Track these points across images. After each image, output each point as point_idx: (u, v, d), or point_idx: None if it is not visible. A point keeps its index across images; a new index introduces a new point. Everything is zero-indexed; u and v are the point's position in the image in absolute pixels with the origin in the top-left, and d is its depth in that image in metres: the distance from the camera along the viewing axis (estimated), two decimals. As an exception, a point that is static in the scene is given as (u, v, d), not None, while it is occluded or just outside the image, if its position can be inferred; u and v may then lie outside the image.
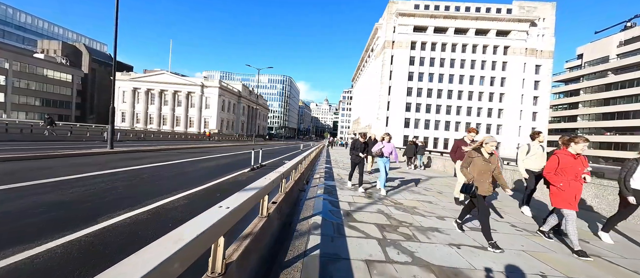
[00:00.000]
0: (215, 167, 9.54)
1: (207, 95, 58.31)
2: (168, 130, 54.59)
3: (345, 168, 11.60)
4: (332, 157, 18.36)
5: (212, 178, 7.40)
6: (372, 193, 6.34)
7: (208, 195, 5.60)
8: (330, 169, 10.66)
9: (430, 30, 50.74)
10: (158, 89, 56.94)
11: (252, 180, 7.15)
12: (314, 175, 9.08)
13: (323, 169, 10.39)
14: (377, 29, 56.94)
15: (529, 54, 49.76)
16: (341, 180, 8.12)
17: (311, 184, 7.38)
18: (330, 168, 11.13)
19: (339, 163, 13.94)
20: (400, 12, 49.63)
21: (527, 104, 50.09)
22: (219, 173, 8.13)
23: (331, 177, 8.64)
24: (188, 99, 58.21)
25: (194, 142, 28.56)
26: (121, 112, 58.45)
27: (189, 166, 9.06)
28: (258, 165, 10.43)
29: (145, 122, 57.87)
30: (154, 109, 57.60)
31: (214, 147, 21.57)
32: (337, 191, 6.34)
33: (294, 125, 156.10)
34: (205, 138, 42.34)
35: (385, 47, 50.71)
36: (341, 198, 5.65)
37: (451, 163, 12.18)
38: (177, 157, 11.74)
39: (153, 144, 18.39)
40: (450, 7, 50.87)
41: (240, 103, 70.55)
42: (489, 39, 50.00)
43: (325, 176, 8.61)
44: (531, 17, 48.78)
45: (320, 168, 10.86)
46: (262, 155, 15.64)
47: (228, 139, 47.41)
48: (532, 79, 50.06)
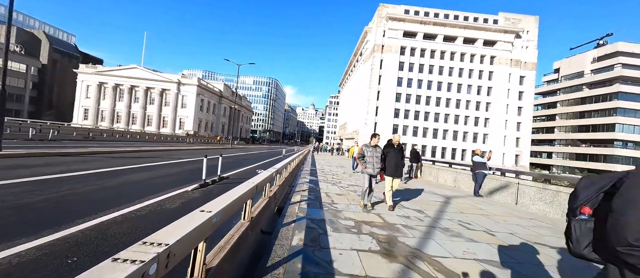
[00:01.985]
0: (142, 183, 6.57)
1: (184, 93, 53.85)
2: (138, 130, 49.47)
3: (335, 182, 9.00)
4: (318, 164, 15.75)
5: (106, 207, 4.48)
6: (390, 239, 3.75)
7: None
8: (315, 184, 8.01)
9: (419, 36, 50.14)
10: (128, 85, 51.76)
11: (172, 215, 4.37)
12: (293, 194, 6.38)
13: (306, 185, 7.71)
14: (366, 32, 55.73)
15: (513, 64, 50.43)
16: (333, 206, 5.48)
17: (286, 213, 4.68)
18: (315, 182, 8.48)
19: (327, 174, 11.32)
20: (390, 16, 48.66)
21: (512, 114, 50.52)
22: (133, 196, 5.19)
23: (317, 199, 5.99)
24: (162, 96, 53.43)
25: (159, 144, 24.84)
26: (84, 108, 52.51)
27: (92, 182, 5.95)
28: (217, 178, 7.56)
29: (112, 120, 52.28)
30: (122, 106, 52.23)
31: (176, 150, 18.23)
32: (327, 236, 3.69)
33: (279, 128, 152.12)
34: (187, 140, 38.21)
35: (375, 51, 49.37)
36: (337, 255, 3.02)
37: (461, 177, 10.00)
38: (102, 164, 8.59)
39: (94, 146, 14.82)
40: (439, 14, 50.70)
41: (221, 103, 66.36)
42: (476, 48, 50.18)
43: (310, 198, 5.95)
44: (516, 28, 49.60)
45: (302, 180, 8.22)
46: (232, 163, 12.77)
47: (202, 142, 43.44)
48: (516, 89, 50.68)
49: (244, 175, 9.58)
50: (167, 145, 22.86)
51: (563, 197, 6.15)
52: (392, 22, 49.27)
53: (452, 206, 6.50)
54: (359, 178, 10.87)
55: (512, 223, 5.28)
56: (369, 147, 5.33)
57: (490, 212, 6.24)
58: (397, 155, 5.43)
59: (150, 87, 52.44)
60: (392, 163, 5.37)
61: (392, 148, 5.46)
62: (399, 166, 5.43)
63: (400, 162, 5.49)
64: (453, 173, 10.80)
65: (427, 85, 50.38)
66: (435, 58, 50.54)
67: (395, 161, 5.39)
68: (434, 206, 6.30)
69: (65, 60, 60.23)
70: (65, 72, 58.18)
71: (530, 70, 51.12)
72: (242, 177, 9.06)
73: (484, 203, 7.36)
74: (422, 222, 4.79)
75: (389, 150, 5.44)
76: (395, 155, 5.41)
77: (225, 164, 12.28)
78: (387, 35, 49.42)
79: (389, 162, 5.34)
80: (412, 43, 49.84)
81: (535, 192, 6.81)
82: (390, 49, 49.24)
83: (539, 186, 6.73)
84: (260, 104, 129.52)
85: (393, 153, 5.41)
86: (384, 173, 5.39)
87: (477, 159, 8.13)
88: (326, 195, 6.51)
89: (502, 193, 8.04)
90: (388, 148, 5.47)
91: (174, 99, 52.87)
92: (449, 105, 50.67)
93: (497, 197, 8.21)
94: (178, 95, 53.44)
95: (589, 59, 62.89)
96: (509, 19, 50.91)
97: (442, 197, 7.74)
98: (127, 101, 52.12)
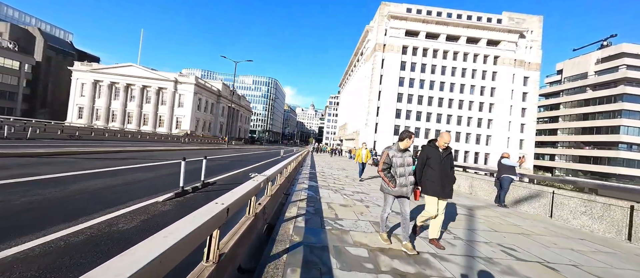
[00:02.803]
0: (101, 192, 5.45)
1: (181, 92, 52.66)
2: (133, 129, 48.24)
3: (338, 189, 7.88)
4: (318, 167, 14.63)
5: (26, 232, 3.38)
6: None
7: None
8: (315, 192, 6.90)
9: (422, 35, 49.13)
10: (124, 83, 50.57)
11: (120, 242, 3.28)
12: (289, 205, 5.27)
13: (305, 192, 6.60)
14: (367, 31, 54.71)
15: (517, 65, 49.47)
16: (338, 224, 4.37)
17: (277, 235, 3.58)
18: (315, 189, 7.37)
19: (327, 178, 10.22)
20: (392, 14, 47.65)
21: (516, 116, 49.52)
22: (78, 212, 4.08)
23: (317, 213, 4.88)
24: (159, 95, 52.25)
25: (150, 143, 23.72)
26: (78, 107, 51.31)
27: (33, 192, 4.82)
28: (200, 185, 6.44)
29: (107, 119, 51.07)
30: (117, 104, 51.03)
31: (166, 150, 17.10)
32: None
33: (279, 129, 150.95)
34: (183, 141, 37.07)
35: (376, 50, 48.33)
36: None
37: (477, 183, 8.89)
38: (63, 168, 7.48)
39: (74, 146, 13.68)
40: (442, 13, 49.72)
41: (219, 103, 65.20)
42: (479, 48, 49.19)
43: (309, 212, 4.84)
44: (520, 28, 48.65)
45: (300, 186, 7.12)
46: (225, 165, 11.65)
47: (199, 142, 42.30)
48: (520, 90, 49.70)
49: (235, 179, 8.46)
50: (159, 145, 21.72)
51: (617, 212, 5.06)
52: (394, 20, 48.27)
53: (479, 221, 5.39)
54: (365, 184, 9.75)
55: (565, 247, 4.18)
56: (397, 152, 3.54)
57: (527, 229, 5.15)
58: (444, 162, 3.58)
59: (147, 86, 51.27)
60: (437, 175, 3.51)
61: (436, 152, 3.63)
62: (448, 179, 3.58)
63: (450, 173, 3.62)
64: (468, 178, 9.70)
65: (430, 85, 49.36)
66: (437, 58, 49.54)
67: (441, 171, 3.52)
68: (459, 222, 5.19)
69: (60, 58, 59.03)
70: (60, 70, 56.95)
71: (534, 70, 50.16)
72: (231, 182, 7.95)
73: (512, 215, 6.26)
74: (454, 247, 3.68)
75: (430, 154, 3.64)
76: (442, 163, 3.56)
77: (216, 167, 11.16)
78: (389, 34, 48.41)
79: (432, 173, 3.55)
80: (414, 42, 48.84)
81: (578, 204, 5.72)
82: (392, 48, 48.22)
83: (584, 197, 5.64)
84: (259, 103, 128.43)
85: (438, 160, 3.57)
86: (419, 189, 3.63)
87: (506, 162, 7.04)
88: (328, 207, 5.40)
89: (531, 204, 6.95)
90: (429, 152, 3.67)
91: (170, 97, 51.71)
92: (451, 106, 49.65)
93: (525, 208, 7.12)
94: (175, 94, 52.27)
95: (592, 60, 61.95)
96: (513, 18, 49.98)
97: (463, 208, 6.63)
98: (123, 100, 50.93)
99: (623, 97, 52.72)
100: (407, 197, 3.50)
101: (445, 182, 3.54)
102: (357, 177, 11.12)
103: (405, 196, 3.49)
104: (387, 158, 3.54)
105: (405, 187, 3.45)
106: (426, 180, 3.59)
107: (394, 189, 3.45)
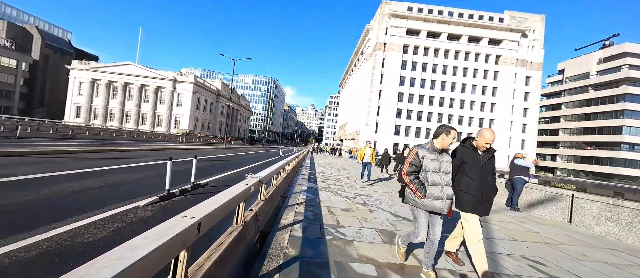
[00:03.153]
0: (75, 195, 4.96)
1: (180, 91, 52.15)
2: (131, 128, 47.73)
3: (339, 190, 7.38)
4: (318, 167, 14.14)
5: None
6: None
7: None
8: (314, 194, 6.40)
9: (423, 34, 48.61)
10: (122, 82, 50.05)
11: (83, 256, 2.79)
12: (285, 210, 4.78)
13: (303, 195, 6.11)
14: (368, 30, 54.20)
15: (519, 64, 48.97)
16: (339, 232, 3.87)
17: (269, 248, 3.09)
18: (314, 191, 6.87)
19: (327, 179, 9.72)
20: (393, 13, 47.14)
21: (518, 115, 49.04)
22: (38, 220, 3.59)
23: (317, 219, 4.39)
24: (157, 94, 51.72)
25: (146, 143, 23.23)
26: (76, 105, 50.79)
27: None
28: (189, 187, 5.94)
29: (105, 118, 50.56)
30: (115, 103, 50.51)
31: (160, 150, 16.62)
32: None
33: (278, 129, 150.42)
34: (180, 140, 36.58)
35: (377, 49, 47.82)
36: None
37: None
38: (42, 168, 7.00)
39: (64, 144, 13.18)
40: (443, 11, 49.22)
41: (218, 102, 64.68)
42: (481, 47, 48.69)
43: (307, 217, 4.35)
44: (522, 27, 48.15)
45: (299, 188, 6.63)
46: (220, 166, 11.17)
47: (198, 141, 41.83)
48: (522, 90, 49.21)
49: (229, 180, 7.97)
50: (155, 144, 21.22)
51: (649, 218, 4.56)
52: (395, 19, 47.77)
53: (495, 228, 4.90)
54: (366, 185, 9.24)
55: (597, 260, 3.69)
56: (431, 153, 2.64)
57: (549, 236, 4.65)
58: (485, 168, 2.71)
59: (145, 85, 50.75)
60: (476, 186, 2.66)
61: (474, 155, 2.74)
62: (490, 191, 2.72)
63: (492, 182, 2.77)
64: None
65: (431, 84, 48.85)
66: (439, 57, 49.04)
67: (481, 180, 2.67)
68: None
69: (58, 56, 58.45)
70: (58, 69, 56.40)
71: (536, 70, 49.69)
72: (225, 183, 7.46)
73: (528, 221, 5.77)
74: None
75: (466, 158, 2.76)
76: (483, 169, 2.69)
77: (210, 167, 10.68)
78: (390, 33, 47.91)
79: (469, 183, 2.68)
80: (415, 41, 48.34)
81: (602, 209, 5.22)
82: (393, 47, 47.72)
83: (609, 201, 5.15)
84: (259, 103, 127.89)
85: (477, 165, 2.70)
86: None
87: (519, 162, 6.55)
88: (328, 212, 4.90)
89: (547, 208, 6.45)
90: (464, 155, 2.78)
91: (169, 96, 51.19)
92: (452, 105, 49.16)
93: (540, 212, 6.62)
94: (173, 93, 51.75)
95: (594, 60, 61.46)
96: (515, 17, 49.49)
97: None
98: (121, 99, 50.42)
99: (625, 97, 52.25)
100: (441, 214, 2.59)
101: (486, 195, 2.66)
102: (359, 178, 10.62)
103: (438, 213, 2.58)
104: (415, 159, 2.63)
105: (438, 201, 2.50)
106: (461, 191, 2.71)
107: (423, 201, 2.55)
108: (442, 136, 2.62)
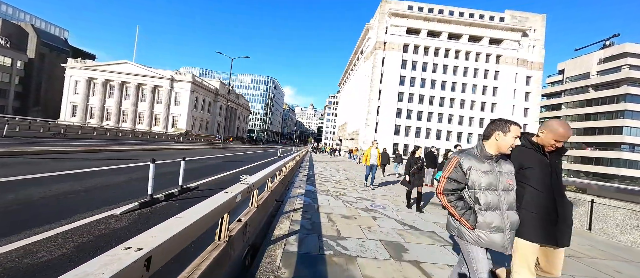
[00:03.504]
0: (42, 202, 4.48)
1: (177, 90, 51.55)
2: (128, 127, 47.13)
3: (339, 194, 6.89)
4: (317, 168, 13.68)
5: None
6: None
7: None
8: (312, 199, 5.93)
9: (423, 33, 48.19)
10: (118, 81, 49.41)
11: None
12: (280, 217, 4.30)
13: (301, 199, 5.63)
14: (368, 29, 53.76)
15: (520, 64, 48.64)
16: (340, 245, 3.41)
17: (258, 270, 2.62)
18: (313, 195, 6.39)
19: (326, 181, 9.24)
20: (393, 12, 46.71)
21: (518, 116, 48.69)
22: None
23: (315, 229, 3.93)
24: (154, 93, 51.10)
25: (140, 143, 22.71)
26: (72, 104, 50.10)
27: None
28: (177, 191, 5.46)
29: (101, 117, 49.91)
30: (112, 102, 49.85)
31: (153, 150, 16.11)
32: None
33: (277, 128, 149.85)
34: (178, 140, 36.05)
35: (377, 48, 47.38)
36: None
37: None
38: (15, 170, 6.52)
39: (50, 144, 12.67)
40: (444, 10, 48.83)
41: (217, 101, 64.07)
42: (481, 47, 48.33)
43: (304, 227, 3.88)
44: (523, 27, 47.82)
45: (296, 191, 6.16)
46: (214, 167, 10.69)
47: (195, 141, 41.29)
48: (523, 90, 48.90)
49: (221, 183, 7.49)
50: (150, 144, 20.70)
51: (683, 227, 4.12)
52: (395, 18, 47.33)
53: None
54: (368, 188, 8.76)
55: (634, 276, 3.24)
56: (480, 162, 1.76)
57: (571, 247, 4.20)
58: (556, 174, 1.90)
59: (142, 83, 50.13)
60: (541, 201, 1.82)
61: (538, 157, 1.91)
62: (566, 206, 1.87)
63: (562, 194, 1.89)
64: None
65: (431, 84, 48.45)
66: (439, 56, 48.64)
67: (548, 193, 1.83)
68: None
69: (54, 55, 57.75)
70: (54, 67, 55.67)
71: (537, 70, 49.38)
72: (217, 186, 6.98)
73: (544, 228, 5.32)
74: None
75: (525, 161, 1.90)
76: (551, 177, 1.87)
77: (204, 168, 10.20)
78: (390, 32, 47.46)
79: (531, 197, 1.84)
80: (415, 40, 47.92)
81: (627, 216, 4.78)
82: (393, 47, 47.29)
83: (635, 208, 4.71)
84: (258, 103, 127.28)
85: (542, 170, 1.87)
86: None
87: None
88: (328, 220, 4.44)
89: (562, 213, 6.01)
90: (524, 156, 1.93)
91: (166, 95, 50.59)
92: (453, 105, 48.78)
93: (554, 218, 6.18)
94: (171, 92, 51.16)
95: (595, 60, 61.23)
96: (515, 17, 49.15)
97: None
98: (118, 98, 49.78)
99: (626, 98, 52.04)
100: (506, 251, 1.68)
101: (561, 213, 1.81)
102: (359, 180, 10.14)
103: (500, 251, 1.66)
104: (457, 172, 1.76)
105: (498, 234, 1.65)
106: (522, 209, 1.83)
107: (475, 233, 1.67)
108: (496, 135, 1.74)
